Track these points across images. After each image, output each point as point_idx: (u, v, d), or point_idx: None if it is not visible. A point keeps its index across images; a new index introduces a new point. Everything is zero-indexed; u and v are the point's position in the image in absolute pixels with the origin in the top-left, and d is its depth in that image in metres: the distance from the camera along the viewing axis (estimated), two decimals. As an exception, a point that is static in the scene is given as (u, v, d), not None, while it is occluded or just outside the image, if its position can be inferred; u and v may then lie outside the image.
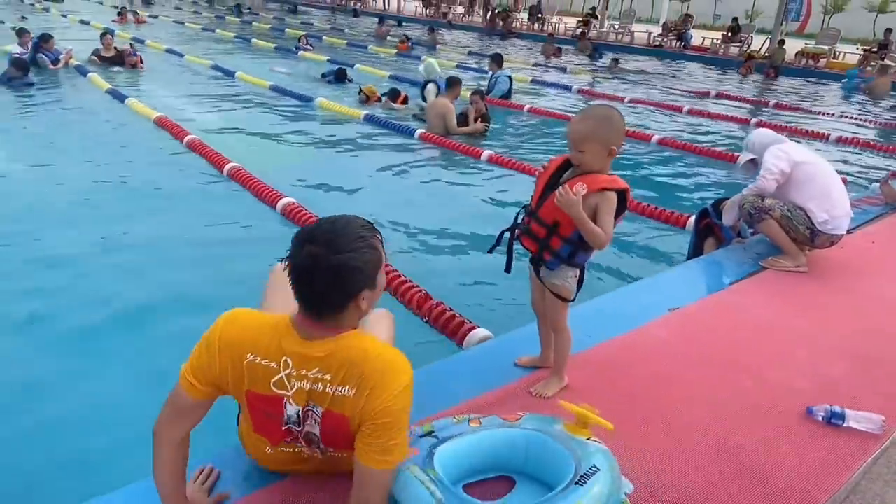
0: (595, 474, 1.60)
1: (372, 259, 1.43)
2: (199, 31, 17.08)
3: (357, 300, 1.44)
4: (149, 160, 5.63)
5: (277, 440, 1.59)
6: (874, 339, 2.92)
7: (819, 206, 3.48)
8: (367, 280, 1.44)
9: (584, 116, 2.08)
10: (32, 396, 2.59)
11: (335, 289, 1.41)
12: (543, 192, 2.14)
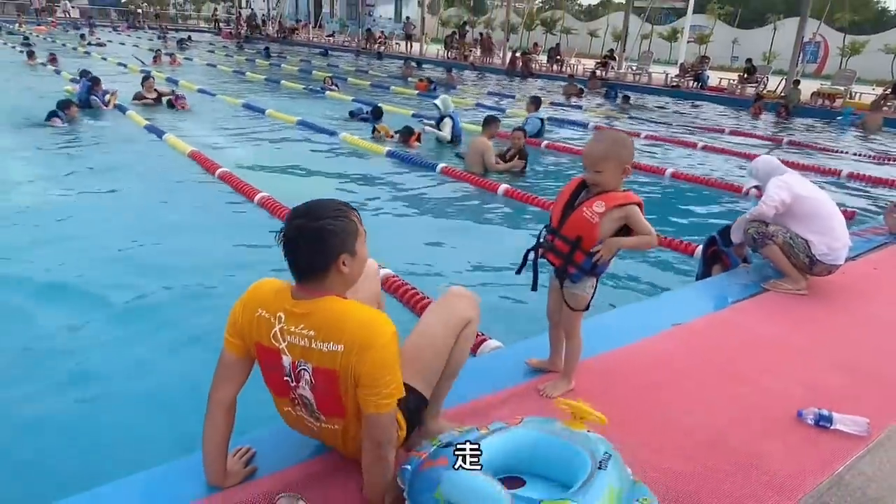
0: (611, 458, 1.75)
1: (347, 227, 1.68)
2: (230, 73, 17.86)
3: (337, 264, 1.66)
4: (185, 190, 6.04)
5: (282, 393, 1.80)
6: (866, 354, 3.10)
7: (820, 240, 3.68)
8: (345, 245, 1.67)
9: (599, 140, 2.35)
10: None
11: (316, 252, 1.65)
12: (564, 211, 2.38)
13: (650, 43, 33.39)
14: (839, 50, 30.61)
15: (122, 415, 2.73)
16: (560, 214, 2.39)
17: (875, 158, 10.29)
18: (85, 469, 2.34)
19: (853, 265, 4.41)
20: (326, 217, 1.65)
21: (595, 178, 2.32)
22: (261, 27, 40.77)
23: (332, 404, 1.73)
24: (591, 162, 2.30)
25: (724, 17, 39.75)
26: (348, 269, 1.70)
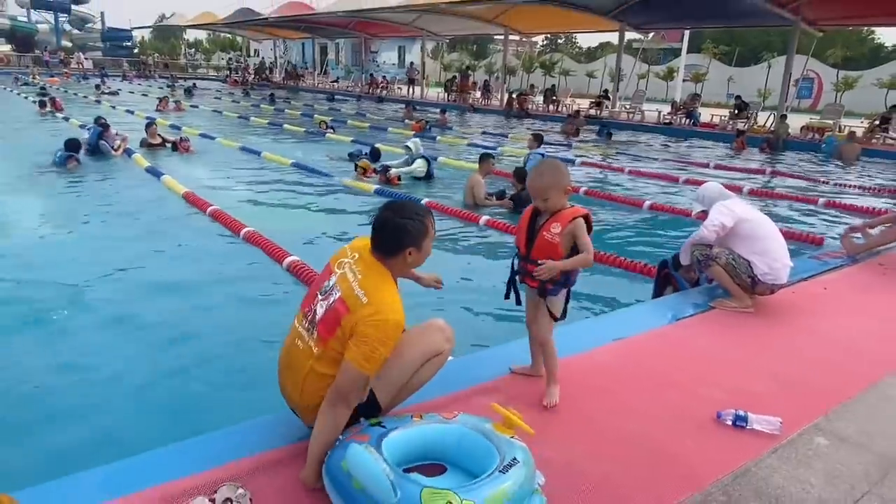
0: (515, 465, 1.94)
1: (420, 229, 2.20)
2: (235, 119, 18.50)
3: (404, 253, 2.19)
4: (177, 226, 6.39)
5: (306, 305, 2.27)
6: (795, 364, 3.31)
7: (761, 261, 3.92)
8: (414, 242, 2.19)
9: (539, 173, 2.64)
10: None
11: (393, 240, 2.18)
12: (527, 238, 2.69)
13: (647, 82, 34.23)
14: (833, 85, 31.15)
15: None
16: (525, 242, 2.69)
17: (850, 187, 10.55)
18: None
19: (805, 285, 4.65)
20: (408, 217, 2.19)
21: (544, 206, 2.62)
22: (268, 75, 42.06)
23: (329, 326, 2.12)
24: (538, 193, 2.61)
25: (719, 56, 40.64)
26: (412, 258, 2.22)
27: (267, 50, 51.95)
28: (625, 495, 2.21)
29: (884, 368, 3.28)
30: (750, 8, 16.41)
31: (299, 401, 2.24)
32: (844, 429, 2.72)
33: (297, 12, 32.60)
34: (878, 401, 2.99)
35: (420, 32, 30.64)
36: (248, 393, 3.24)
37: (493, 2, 20.67)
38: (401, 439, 2.07)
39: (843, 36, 35.86)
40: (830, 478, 2.38)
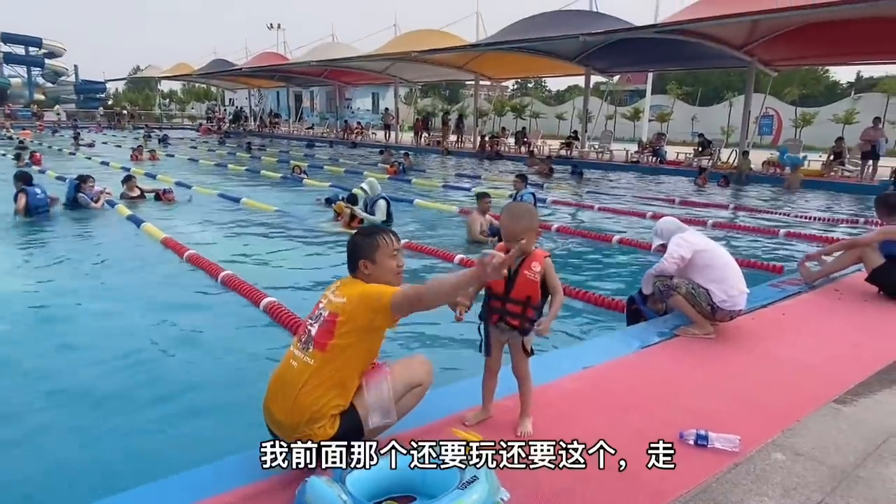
0: (475, 482, 2.05)
1: (370, 243, 2.54)
2: (212, 167, 18.64)
3: (360, 265, 2.54)
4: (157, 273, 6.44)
5: (299, 332, 2.56)
6: (753, 386, 3.48)
7: (718, 288, 4.12)
8: (365, 254, 2.54)
9: (516, 216, 2.79)
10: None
11: (350, 256, 2.59)
12: (508, 277, 2.76)
13: (615, 123, 35.26)
14: (792, 121, 32.41)
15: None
16: (504, 282, 2.77)
17: (809, 218, 10.98)
18: None
19: (765, 311, 4.86)
20: (361, 235, 2.63)
21: (520, 247, 2.68)
22: (243, 123, 42.49)
23: (326, 333, 2.41)
24: (514, 235, 2.71)
25: (682, 96, 42.10)
26: (370, 270, 2.54)
27: (242, 99, 52.57)
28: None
29: (837, 388, 3.46)
30: (708, 51, 17.22)
31: (288, 419, 2.37)
32: (800, 444, 2.87)
33: (271, 62, 33.24)
34: (831, 418, 3.16)
35: (393, 79, 31.40)
36: (225, 432, 3.30)
37: (463, 50, 21.36)
38: (366, 474, 2.16)
39: (800, 74, 37.48)
40: (787, 490, 2.52)
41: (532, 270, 2.74)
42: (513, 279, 2.76)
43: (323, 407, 2.36)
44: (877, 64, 31.33)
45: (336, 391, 2.40)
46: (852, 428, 3.07)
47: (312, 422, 2.35)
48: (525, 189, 9.87)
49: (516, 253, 2.47)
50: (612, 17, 18.18)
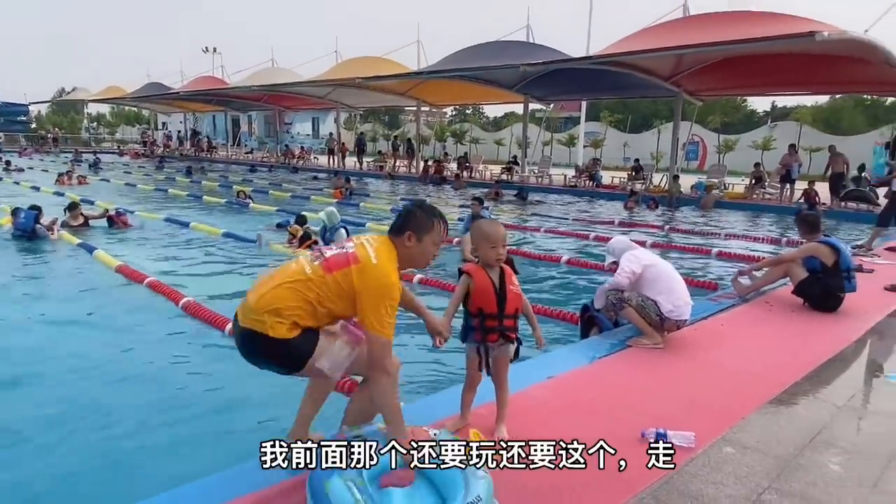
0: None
1: (426, 222, 2.60)
2: (151, 191, 18.20)
3: (404, 235, 2.59)
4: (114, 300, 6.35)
5: (314, 252, 2.64)
6: (701, 389, 3.82)
7: (666, 300, 4.48)
8: (415, 228, 2.58)
9: (497, 224, 3.02)
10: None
11: (401, 220, 2.64)
12: (498, 296, 2.88)
13: (551, 148, 36.44)
14: (716, 148, 34.40)
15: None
16: (496, 301, 2.89)
17: (737, 238, 11.78)
18: None
19: (705, 323, 5.27)
20: (421, 209, 2.65)
21: (503, 254, 2.91)
22: (178, 147, 41.52)
23: (338, 263, 2.49)
24: (504, 239, 2.90)
25: (614, 124, 43.97)
26: (410, 245, 2.59)
27: (176, 123, 51.36)
28: (570, 499, 2.56)
29: (775, 388, 3.83)
30: (638, 81, 18.21)
31: (256, 302, 2.48)
32: (747, 439, 3.20)
33: (210, 86, 32.76)
34: (772, 414, 3.51)
35: (334, 105, 31.51)
36: (192, 460, 3.35)
37: (407, 77, 21.75)
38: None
39: (721, 104, 39.85)
40: (738, 478, 2.82)
41: (514, 284, 2.95)
42: (503, 296, 2.90)
43: (293, 311, 2.43)
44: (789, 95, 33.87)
45: (309, 309, 2.46)
46: (790, 422, 3.43)
47: (275, 314, 2.42)
48: (481, 211, 10.15)
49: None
50: (548, 48, 18.99)
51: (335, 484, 2.14)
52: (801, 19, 13.37)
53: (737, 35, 13.11)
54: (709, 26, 14.70)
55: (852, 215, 14.99)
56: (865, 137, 29.70)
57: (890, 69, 14.12)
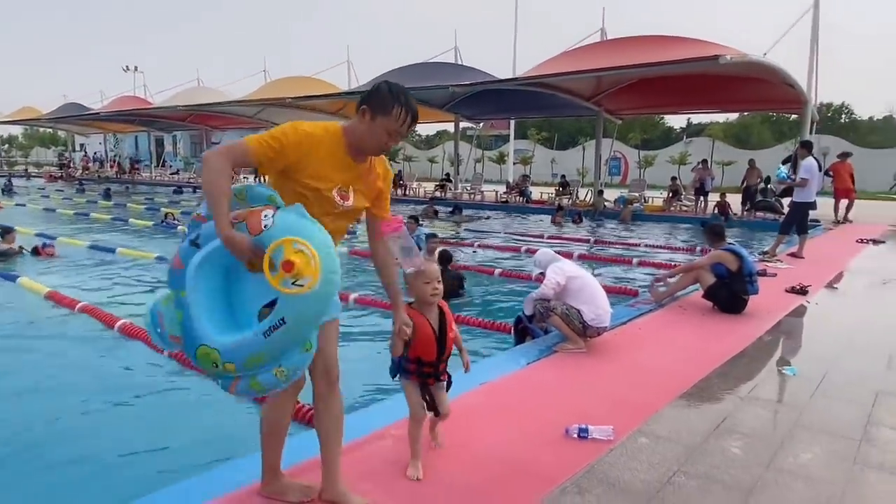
0: (280, 328, 2.11)
1: (380, 100, 2.36)
2: (72, 216, 17.48)
3: (361, 108, 2.38)
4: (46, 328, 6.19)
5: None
6: (620, 387, 4.15)
7: (588, 308, 4.82)
8: (372, 104, 2.36)
9: (430, 260, 2.99)
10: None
11: (368, 93, 2.41)
12: (438, 344, 2.87)
13: (483, 165, 37.22)
14: (636, 163, 36.05)
15: None
16: (436, 351, 2.88)
17: (656, 247, 12.50)
18: None
19: (625, 328, 5.66)
20: (388, 87, 2.38)
21: (441, 288, 2.85)
22: (98, 170, 39.89)
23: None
24: (437, 274, 2.86)
25: (541, 141, 45.37)
26: (364, 120, 2.37)
27: (95, 144, 49.36)
28: (499, 494, 2.78)
29: (685, 384, 4.21)
30: (562, 101, 19.02)
31: None
32: (659, 430, 3.52)
33: (133, 106, 31.75)
34: (682, 407, 3.87)
35: (264, 124, 31.12)
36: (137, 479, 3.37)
37: (339, 97, 21.83)
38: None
39: (640, 122, 41.86)
40: (652, 465, 3.12)
41: (454, 331, 2.95)
42: (443, 343, 2.90)
43: None
44: (701, 113, 36.00)
45: None
46: (698, 413, 3.79)
47: None
48: (417, 230, 10.34)
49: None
50: (476, 70, 19.59)
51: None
52: (708, 43, 14.38)
53: (650, 58, 13.96)
54: (625, 49, 15.58)
55: (760, 224, 16.10)
56: (772, 151, 31.97)
57: (789, 88, 15.37)
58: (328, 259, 2.12)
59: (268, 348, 2.13)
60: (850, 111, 55.20)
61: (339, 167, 2.37)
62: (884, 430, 3.58)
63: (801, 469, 3.11)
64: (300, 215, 2.20)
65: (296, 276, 2.03)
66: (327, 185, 2.35)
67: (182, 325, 2.19)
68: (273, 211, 2.18)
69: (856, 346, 5.26)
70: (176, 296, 2.21)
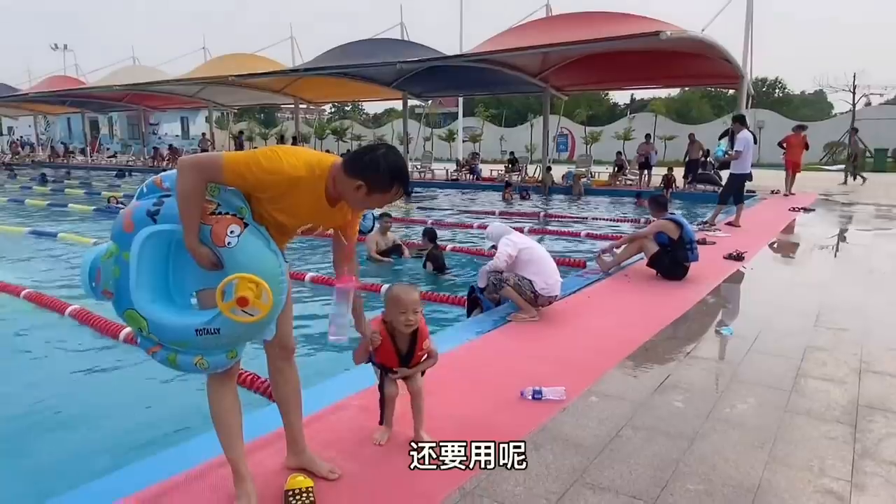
0: (212, 335, 2.18)
1: (379, 180, 2.24)
2: (5, 203, 16.69)
3: (355, 183, 2.24)
4: None
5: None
6: (571, 351, 4.36)
7: (539, 279, 4.99)
8: (369, 181, 2.23)
9: (409, 289, 2.88)
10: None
11: (361, 160, 2.26)
12: (402, 359, 2.91)
13: (432, 144, 37.14)
14: (583, 139, 36.63)
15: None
16: (398, 363, 2.92)
17: (601, 220, 12.88)
18: None
19: (575, 297, 5.87)
20: (386, 164, 2.23)
21: (417, 319, 2.85)
22: (30, 154, 37.98)
23: None
24: (414, 304, 2.82)
25: (490, 119, 45.52)
26: (357, 193, 2.26)
27: (24, 127, 46.91)
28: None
29: (631, 346, 4.44)
30: (509, 78, 19.14)
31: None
32: (608, 389, 3.73)
33: (65, 87, 30.26)
34: (627, 368, 4.09)
35: (206, 103, 30.25)
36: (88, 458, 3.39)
37: (283, 75, 21.38)
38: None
39: (586, 98, 42.45)
40: (601, 421, 3.31)
41: (423, 350, 2.97)
42: (408, 358, 2.94)
43: None
44: (643, 89, 36.78)
45: None
46: (644, 372, 4.02)
47: None
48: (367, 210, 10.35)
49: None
50: (423, 46, 19.47)
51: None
52: (650, 20, 14.70)
53: (594, 34, 14.20)
54: (569, 25, 15.78)
55: (700, 196, 16.71)
56: (712, 125, 32.86)
57: (726, 64, 15.90)
58: (278, 293, 2.21)
59: (194, 342, 2.21)
60: (784, 86, 57.48)
61: (313, 209, 2.33)
62: (811, 381, 3.89)
63: (738, 418, 3.36)
64: (264, 244, 2.25)
65: (248, 308, 2.12)
66: (295, 222, 2.37)
67: (116, 283, 2.24)
68: (240, 228, 2.19)
69: (787, 307, 5.62)
70: (118, 253, 2.23)
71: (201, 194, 2.18)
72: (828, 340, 4.65)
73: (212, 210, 2.20)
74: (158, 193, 2.31)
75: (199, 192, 2.17)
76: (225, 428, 2.41)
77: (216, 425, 2.42)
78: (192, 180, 2.15)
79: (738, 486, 2.69)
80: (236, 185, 2.23)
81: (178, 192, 2.17)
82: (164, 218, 2.23)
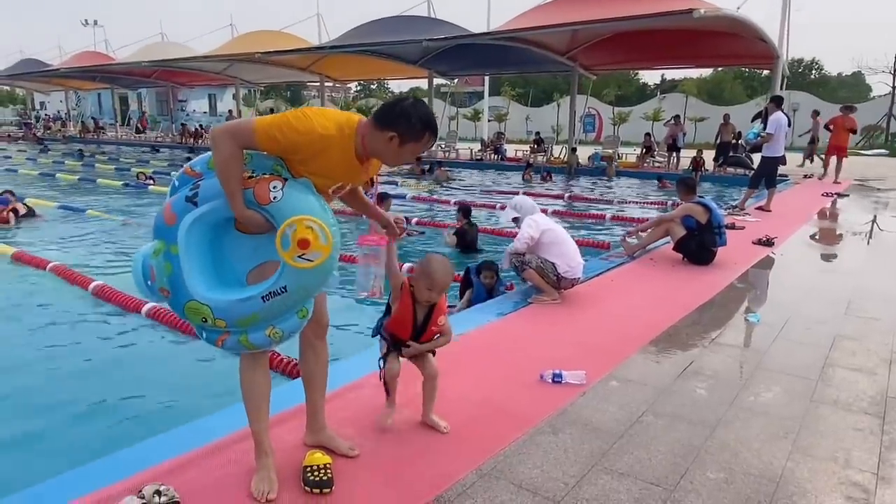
0: (280, 295, 2.17)
1: (411, 129, 2.26)
2: (36, 177, 17.03)
3: (387, 134, 2.26)
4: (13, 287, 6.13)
5: None
6: (593, 335, 4.30)
7: (562, 261, 4.94)
8: (402, 132, 2.25)
9: (444, 270, 2.78)
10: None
11: (391, 112, 2.28)
12: (415, 331, 2.86)
13: (457, 123, 36.90)
14: (610, 120, 36.06)
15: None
16: (411, 335, 2.86)
17: (628, 202, 12.69)
18: None
19: (598, 279, 5.81)
20: (416, 113, 2.26)
21: (438, 297, 2.81)
22: (62, 129, 38.65)
23: None
24: (443, 287, 2.80)
25: (516, 98, 45.01)
26: (391, 145, 2.27)
27: (56, 102, 47.66)
28: (477, 433, 2.92)
29: (655, 331, 4.38)
30: (536, 56, 18.86)
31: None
32: (629, 374, 3.69)
33: (95, 62, 30.63)
34: (650, 353, 4.04)
35: (233, 80, 30.37)
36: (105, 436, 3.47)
37: (309, 52, 21.35)
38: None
39: (615, 78, 41.67)
40: (622, 406, 3.28)
41: (438, 325, 2.90)
42: (421, 331, 2.88)
43: None
44: (675, 68, 36.01)
45: None
46: (666, 358, 3.97)
47: None
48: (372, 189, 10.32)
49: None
50: (450, 24, 19.24)
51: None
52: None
53: (625, 12, 13.87)
54: (600, 2, 15.39)
55: (731, 179, 16.36)
56: (745, 107, 32.09)
57: (761, 44, 15.45)
58: (336, 236, 2.20)
59: (264, 311, 2.19)
60: (821, 67, 55.74)
61: (344, 169, 2.35)
62: (839, 370, 3.80)
63: (762, 406, 3.30)
64: (308, 191, 2.24)
65: (308, 252, 2.11)
66: (328, 182, 2.36)
67: (170, 279, 2.22)
68: (281, 182, 2.20)
69: (816, 294, 5.49)
70: (166, 249, 2.23)
71: (240, 159, 2.19)
72: (858, 329, 4.53)
73: (248, 175, 2.23)
74: (192, 181, 2.31)
75: (238, 157, 2.19)
76: (255, 399, 2.43)
77: (245, 396, 2.44)
78: (228, 146, 2.16)
79: (759, 476, 2.64)
80: (269, 149, 2.23)
81: (217, 161, 2.18)
82: (204, 198, 2.23)
